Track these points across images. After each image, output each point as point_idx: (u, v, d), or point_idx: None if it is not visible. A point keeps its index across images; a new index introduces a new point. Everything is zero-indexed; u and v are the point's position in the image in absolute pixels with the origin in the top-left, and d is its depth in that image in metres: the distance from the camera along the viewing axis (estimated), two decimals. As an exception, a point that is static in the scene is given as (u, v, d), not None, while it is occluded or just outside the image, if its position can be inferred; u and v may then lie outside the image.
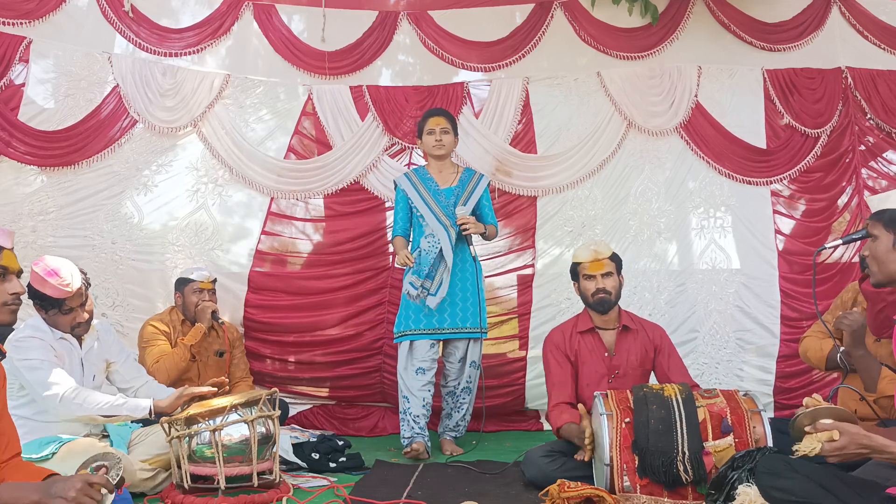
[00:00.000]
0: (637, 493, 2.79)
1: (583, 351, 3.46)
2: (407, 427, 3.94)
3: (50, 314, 3.10)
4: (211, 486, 2.95)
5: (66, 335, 3.15)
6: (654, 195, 4.76)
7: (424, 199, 4.04)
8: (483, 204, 4.16)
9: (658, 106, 4.77)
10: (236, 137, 4.63)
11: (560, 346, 3.47)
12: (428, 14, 4.82)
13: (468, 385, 4.07)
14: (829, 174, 4.76)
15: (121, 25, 4.51)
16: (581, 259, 3.51)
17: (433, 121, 4.09)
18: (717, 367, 4.60)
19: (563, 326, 3.58)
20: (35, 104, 4.34)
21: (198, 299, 4.04)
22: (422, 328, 3.97)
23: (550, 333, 3.58)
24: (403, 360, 3.98)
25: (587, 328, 3.48)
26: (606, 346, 3.46)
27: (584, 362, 3.44)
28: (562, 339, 3.49)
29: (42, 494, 1.83)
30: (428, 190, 4.06)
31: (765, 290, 4.65)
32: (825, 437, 1.90)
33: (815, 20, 4.81)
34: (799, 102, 4.75)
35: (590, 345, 3.46)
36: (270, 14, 4.75)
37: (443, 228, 3.97)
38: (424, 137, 4.11)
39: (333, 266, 4.71)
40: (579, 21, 4.81)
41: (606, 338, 3.47)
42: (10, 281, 2.13)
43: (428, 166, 4.18)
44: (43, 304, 3.07)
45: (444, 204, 4.03)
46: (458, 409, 4.08)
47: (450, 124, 4.12)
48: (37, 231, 4.31)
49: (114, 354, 3.38)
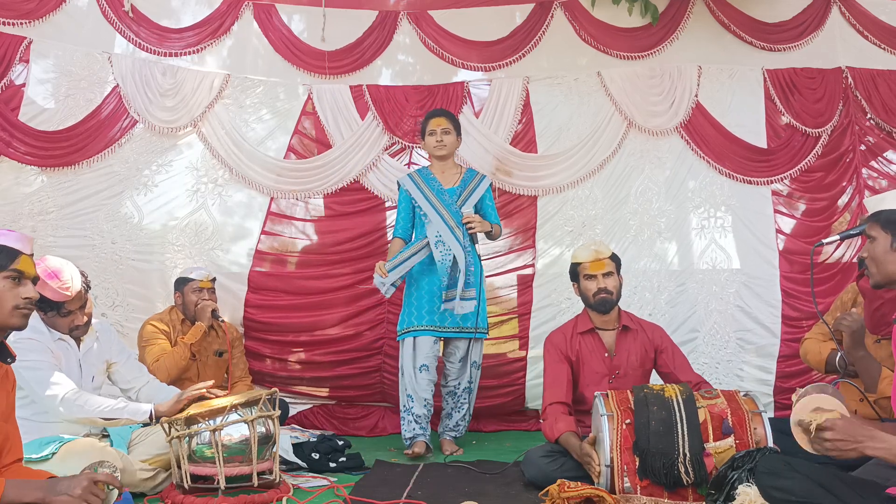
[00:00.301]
0: (637, 495, 2.79)
1: (583, 351, 3.45)
2: (408, 426, 3.94)
3: (48, 315, 3.09)
4: (211, 486, 2.95)
5: (65, 336, 3.15)
6: (654, 195, 4.76)
7: (428, 199, 4.03)
8: (486, 204, 4.16)
9: (658, 106, 4.77)
10: (236, 137, 4.63)
11: (560, 346, 3.47)
12: (428, 14, 4.82)
13: (469, 385, 4.06)
14: (830, 174, 4.76)
15: (121, 25, 4.51)
16: (581, 259, 3.49)
17: (434, 121, 4.09)
18: (718, 367, 4.60)
19: (563, 328, 3.58)
20: (35, 104, 4.34)
21: (197, 298, 4.04)
22: (424, 325, 3.97)
23: (551, 335, 3.58)
24: (407, 358, 3.98)
25: (587, 329, 3.48)
26: (606, 346, 3.45)
27: (585, 363, 3.44)
28: (562, 339, 3.49)
29: (46, 492, 1.84)
30: (432, 190, 4.06)
31: (766, 290, 4.65)
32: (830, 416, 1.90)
33: (814, 20, 4.81)
34: (799, 102, 4.75)
35: (590, 345, 3.46)
36: (270, 14, 4.75)
37: (448, 229, 3.96)
38: (426, 138, 4.12)
39: (333, 266, 4.71)
40: (579, 21, 4.81)
41: (606, 338, 3.47)
42: (25, 285, 2.16)
43: (431, 167, 4.18)
44: (41, 305, 3.05)
45: (447, 203, 4.02)
46: (458, 409, 4.08)
47: (451, 124, 4.11)
48: (37, 231, 4.31)
49: (114, 355, 3.38)
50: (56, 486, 1.84)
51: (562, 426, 3.21)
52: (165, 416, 3.11)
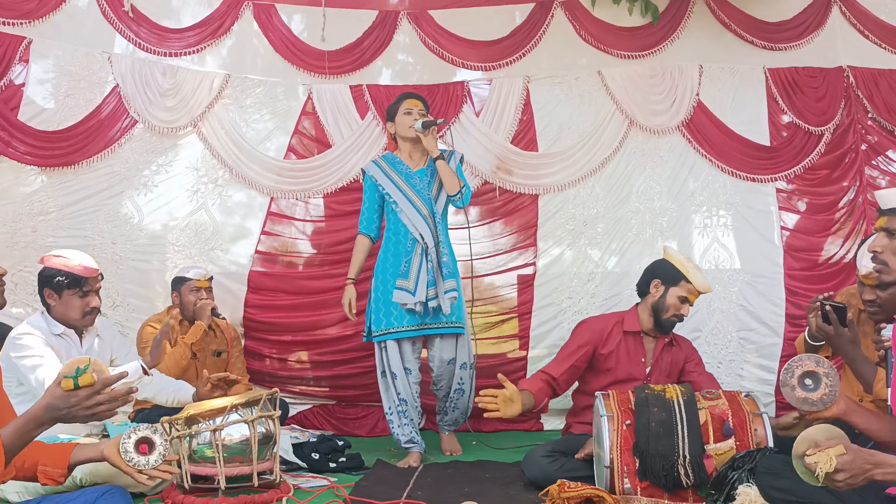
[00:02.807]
0: (637, 496, 2.79)
1: (621, 351, 3.42)
2: (401, 430, 3.77)
3: (63, 297, 3.12)
4: (211, 486, 2.94)
5: (67, 331, 3.16)
6: (655, 194, 4.75)
7: (397, 184, 3.83)
8: (459, 173, 3.87)
9: (659, 104, 4.76)
10: (236, 137, 4.63)
11: (595, 336, 3.41)
12: (428, 13, 4.81)
13: (460, 386, 3.89)
14: (833, 171, 4.75)
15: (121, 25, 4.50)
16: (693, 280, 3.36)
17: (411, 101, 3.91)
18: (720, 367, 4.60)
19: (606, 318, 3.52)
20: (35, 104, 4.34)
21: (195, 298, 4.03)
22: (405, 325, 3.75)
23: (589, 320, 3.53)
24: (394, 361, 3.76)
25: (634, 330, 3.44)
26: (646, 352, 3.44)
27: (620, 362, 3.41)
28: (601, 331, 3.42)
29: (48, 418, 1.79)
30: (399, 174, 3.87)
31: (769, 289, 4.64)
32: (835, 452, 1.84)
33: (815, 19, 4.79)
34: (802, 100, 4.74)
35: (631, 347, 3.43)
36: (270, 14, 4.75)
37: (420, 217, 3.78)
38: (401, 117, 3.87)
39: (333, 266, 4.70)
40: (580, 20, 4.80)
41: (648, 344, 3.46)
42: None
43: (397, 151, 3.99)
44: (64, 283, 3.10)
45: (418, 188, 3.84)
46: (452, 408, 3.94)
47: (423, 104, 3.94)
48: (37, 231, 4.31)
49: (116, 350, 3.40)
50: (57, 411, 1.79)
51: (525, 384, 3.27)
52: (153, 365, 3.27)
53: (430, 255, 3.74)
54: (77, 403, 1.78)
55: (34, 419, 1.82)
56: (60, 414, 1.79)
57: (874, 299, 2.79)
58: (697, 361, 3.53)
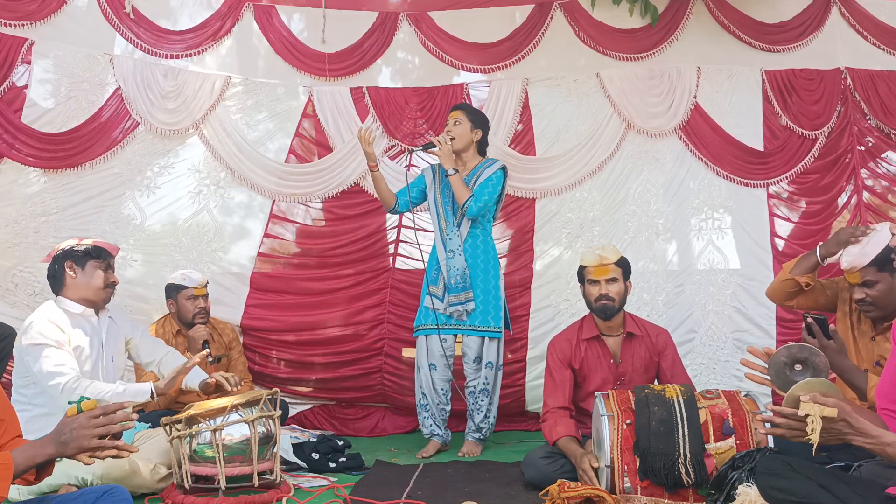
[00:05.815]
0: (638, 495, 2.80)
1: (590, 359, 3.43)
2: (424, 422, 4.03)
3: (87, 269, 3.18)
4: (211, 486, 2.95)
5: (86, 311, 3.20)
6: (652, 196, 4.76)
7: (435, 198, 4.07)
8: (484, 181, 3.95)
9: (657, 107, 4.77)
10: (237, 139, 4.64)
11: (564, 353, 3.44)
12: (428, 15, 4.82)
13: (485, 387, 3.98)
14: (827, 175, 4.76)
15: (121, 27, 4.50)
16: (586, 263, 3.47)
17: (452, 113, 4.07)
18: (715, 368, 4.61)
19: (567, 332, 3.55)
20: (38, 106, 4.34)
21: (193, 306, 3.96)
22: (430, 323, 3.99)
23: (554, 340, 3.55)
24: (421, 356, 4.03)
25: (592, 335, 3.46)
26: (612, 353, 3.45)
27: (592, 370, 3.43)
28: (567, 346, 3.46)
29: (55, 445, 1.85)
30: (441, 187, 4.07)
31: (761, 292, 4.62)
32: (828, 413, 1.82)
33: (814, 20, 4.80)
34: (797, 104, 4.75)
35: (596, 353, 3.44)
36: (270, 15, 4.75)
37: (438, 231, 4.01)
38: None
39: (334, 268, 4.72)
40: (579, 22, 4.81)
41: (611, 344, 3.46)
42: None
43: None
44: (91, 252, 3.20)
45: (446, 204, 4.04)
46: (478, 410, 3.99)
47: (465, 115, 4.03)
48: (39, 232, 4.31)
49: (129, 332, 3.43)
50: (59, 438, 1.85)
51: (561, 430, 3.22)
52: (163, 392, 3.17)
53: (441, 270, 3.97)
54: (79, 426, 1.85)
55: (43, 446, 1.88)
56: (64, 438, 1.85)
57: (864, 297, 2.83)
58: (673, 359, 3.49)
